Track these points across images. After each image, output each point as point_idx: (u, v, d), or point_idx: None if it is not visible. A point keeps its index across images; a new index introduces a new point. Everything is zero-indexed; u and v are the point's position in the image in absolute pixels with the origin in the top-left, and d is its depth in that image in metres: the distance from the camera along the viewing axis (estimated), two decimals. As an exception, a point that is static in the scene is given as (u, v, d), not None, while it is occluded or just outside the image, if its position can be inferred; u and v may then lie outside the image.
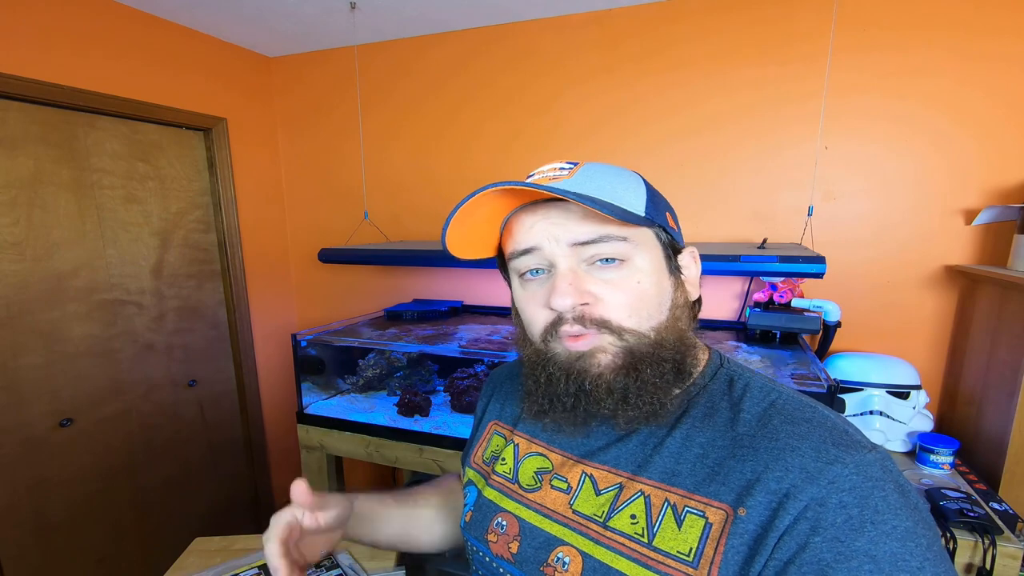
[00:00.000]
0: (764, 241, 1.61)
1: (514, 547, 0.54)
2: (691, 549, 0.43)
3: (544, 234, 0.48)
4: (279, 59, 2.22)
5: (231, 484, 2.23)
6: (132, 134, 1.77)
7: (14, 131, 1.48)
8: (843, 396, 1.41)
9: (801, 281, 1.61)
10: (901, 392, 1.41)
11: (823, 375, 1.21)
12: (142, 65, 1.75)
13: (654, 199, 0.51)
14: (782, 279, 1.58)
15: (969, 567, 1.07)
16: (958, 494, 1.17)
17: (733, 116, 1.67)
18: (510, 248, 0.52)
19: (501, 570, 0.55)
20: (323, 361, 1.76)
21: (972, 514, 1.09)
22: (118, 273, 1.76)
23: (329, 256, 1.75)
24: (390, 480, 2.35)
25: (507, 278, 0.57)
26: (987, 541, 1.04)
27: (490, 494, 0.59)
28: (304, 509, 0.53)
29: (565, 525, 0.51)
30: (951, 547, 1.06)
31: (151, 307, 1.87)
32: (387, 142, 2.13)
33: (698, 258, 0.55)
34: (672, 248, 0.52)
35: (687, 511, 0.44)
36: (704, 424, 0.48)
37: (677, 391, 0.50)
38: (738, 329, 1.72)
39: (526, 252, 0.50)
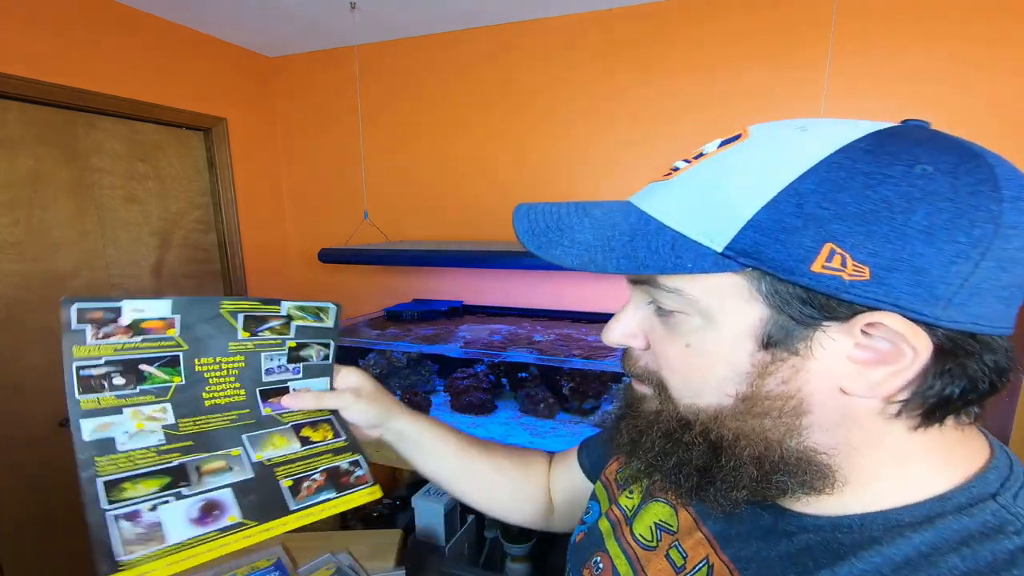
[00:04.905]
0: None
1: None
2: None
3: None
4: (279, 59, 2.22)
5: (231, 484, 2.23)
6: (132, 134, 1.77)
7: (14, 131, 1.48)
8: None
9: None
10: (901, 392, 1.41)
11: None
12: (142, 65, 1.74)
13: (789, 218, 0.28)
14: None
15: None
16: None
17: (733, 117, 1.67)
18: None
19: None
20: (323, 361, 1.76)
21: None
22: (118, 273, 1.76)
23: (329, 256, 1.75)
24: (390, 480, 2.35)
25: None
26: (987, 540, 1.04)
27: (603, 525, 0.50)
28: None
29: None
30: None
31: (151, 307, 1.87)
32: (387, 141, 2.13)
33: (919, 347, 0.27)
34: (808, 307, 0.29)
35: None
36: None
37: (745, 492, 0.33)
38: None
39: None
